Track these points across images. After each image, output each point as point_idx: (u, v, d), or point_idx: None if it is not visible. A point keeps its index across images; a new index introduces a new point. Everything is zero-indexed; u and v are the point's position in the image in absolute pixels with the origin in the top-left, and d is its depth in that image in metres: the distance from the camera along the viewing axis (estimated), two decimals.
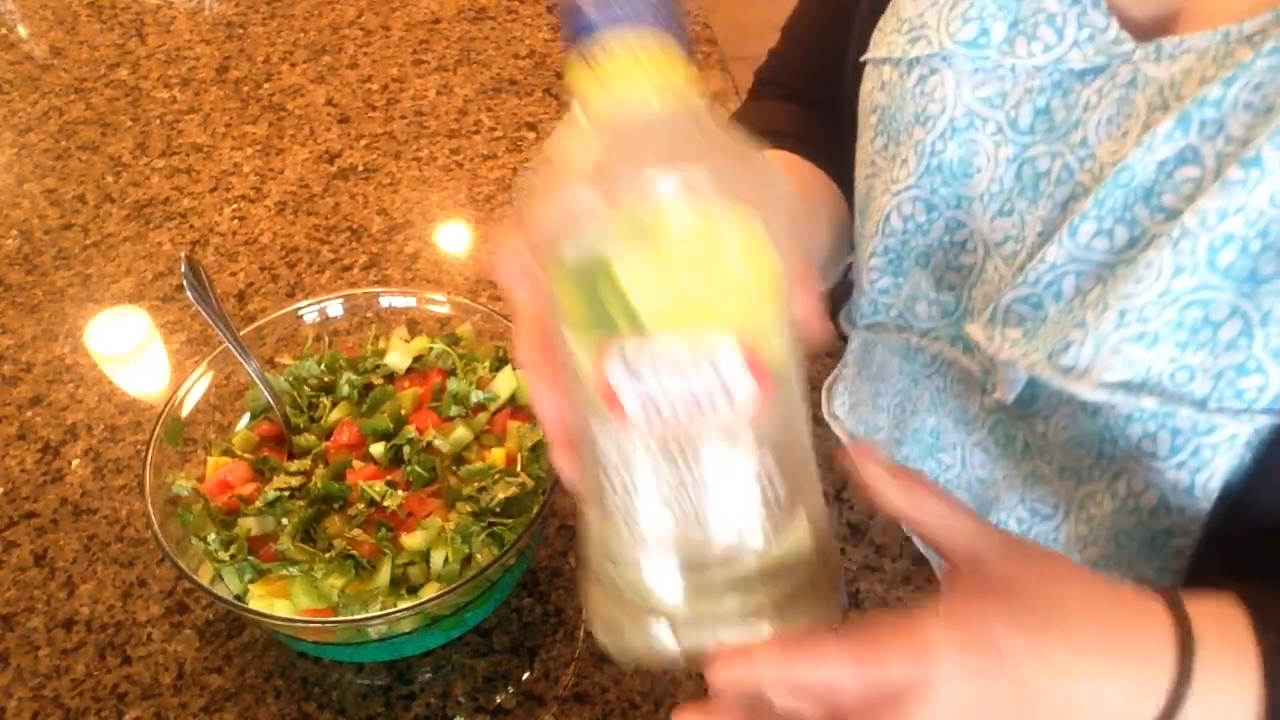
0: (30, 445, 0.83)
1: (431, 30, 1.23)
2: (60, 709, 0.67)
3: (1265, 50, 0.41)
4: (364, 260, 0.97)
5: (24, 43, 1.25)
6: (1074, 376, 0.46)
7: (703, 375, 0.32)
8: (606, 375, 0.33)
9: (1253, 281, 0.42)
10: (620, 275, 0.32)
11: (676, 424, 0.33)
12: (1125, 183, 0.45)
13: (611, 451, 0.34)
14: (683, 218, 0.32)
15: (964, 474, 0.63)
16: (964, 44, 0.50)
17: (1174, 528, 0.48)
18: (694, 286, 0.32)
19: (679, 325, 0.32)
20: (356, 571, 0.65)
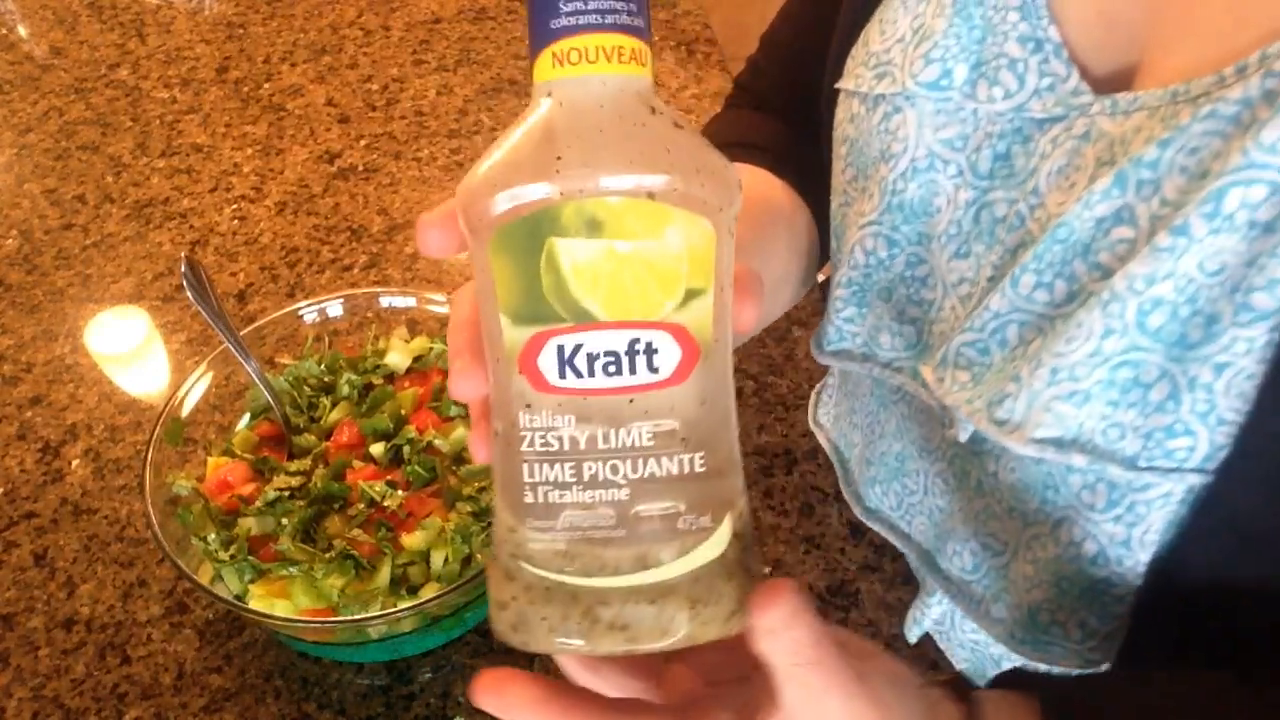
0: (30, 445, 0.83)
1: (431, 30, 1.24)
2: (60, 709, 0.67)
3: (1201, 114, 0.41)
4: (364, 260, 0.97)
5: (24, 43, 1.25)
6: (1007, 430, 0.48)
7: (635, 368, 0.33)
8: (538, 360, 0.33)
9: (1181, 346, 0.42)
10: (563, 264, 0.33)
11: (603, 403, 0.33)
12: (1064, 238, 0.45)
13: (533, 429, 0.34)
14: (632, 218, 0.33)
15: (925, 500, 0.63)
16: (925, 85, 0.50)
17: (1113, 577, 0.49)
18: (634, 280, 0.33)
19: (615, 313, 0.33)
20: (356, 571, 0.65)
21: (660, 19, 1.23)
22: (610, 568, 0.34)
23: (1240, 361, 0.41)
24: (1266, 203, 0.39)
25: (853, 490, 0.71)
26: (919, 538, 0.66)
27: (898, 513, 0.67)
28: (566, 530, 0.34)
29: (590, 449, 0.34)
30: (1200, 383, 0.42)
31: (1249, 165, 0.39)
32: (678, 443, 0.34)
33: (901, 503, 0.66)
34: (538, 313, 0.33)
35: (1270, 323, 0.39)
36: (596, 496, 0.34)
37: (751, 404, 0.83)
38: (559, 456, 0.34)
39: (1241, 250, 0.40)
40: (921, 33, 0.50)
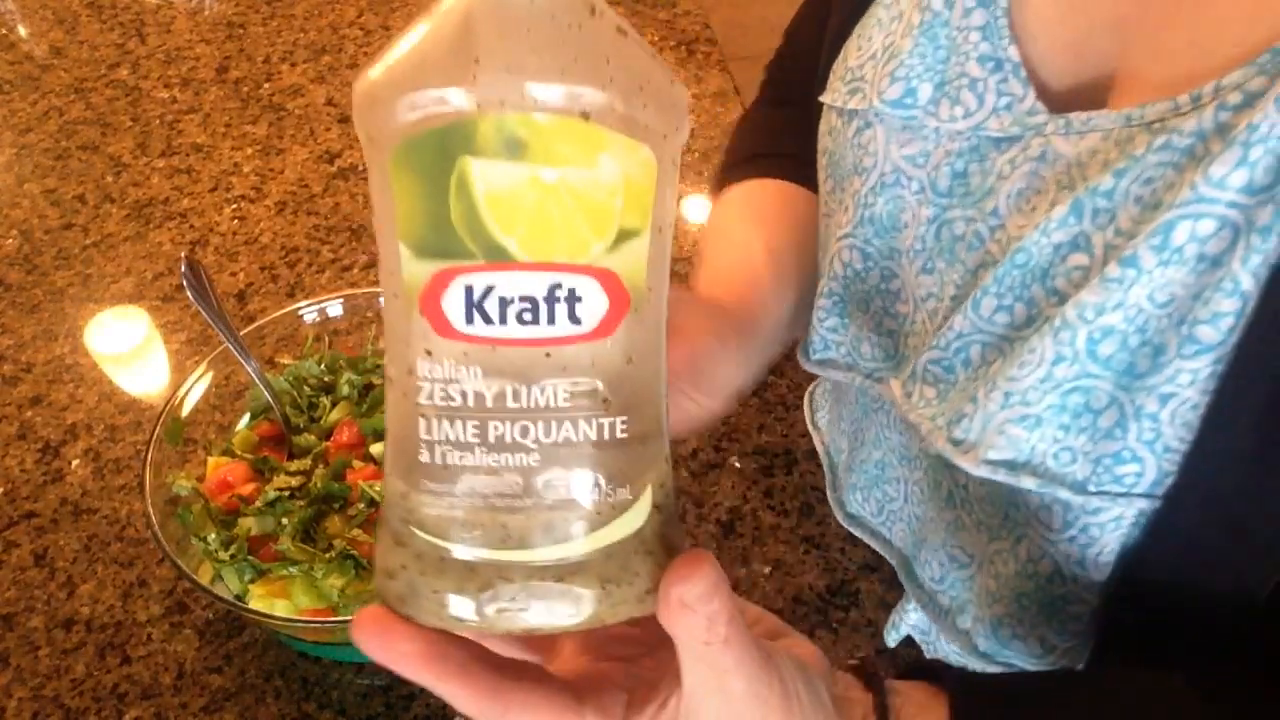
0: (30, 445, 0.83)
1: None
2: (60, 709, 0.67)
3: (1156, 145, 0.41)
4: (364, 260, 0.97)
5: (24, 43, 1.25)
6: (962, 450, 0.48)
7: (554, 317, 0.29)
8: (442, 300, 0.28)
9: (1130, 375, 0.42)
10: (477, 191, 0.28)
11: (515, 355, 0.29)
12: (1022, 263, 0.45)
13: (433, 380, 0.29)
14: (562, 140, 0.27)
15: (905, 508, 0.64)
16: (890, 103, 0.50)
17: (1069, 595, 0.49)
18: (560, 215, 0.28)
19: (535, 253, 0.28)
20: (356, 571, 0.65)
21: (660, 19, 1.23)
22: (514, 540, 0.30)
23: (1184, 392, 0.41)
24: (1215, 237, 0.39)
25: (837, 496, 0.72)
26: (899, 544, 0.66)
27: (878, 519, 0.68)
28: (466, 496, 0.30)
29: (498, 406, 0.29)
30: (1146, 412, 0.42)
31: (1198, 199, 0.39)
32: (598, 404, 0.30)
33: (882, 509, 0.67)
34: (444, 245, 0.28)
35: (1213, 355, 0.40)
36: (502, 460, 0.29)
37: (751, 404, 0.83)
38: (461, 413, 0.29)
39: (1190, 283, 0.40)
40: (890, 51, 0.51)
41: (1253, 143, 0.37)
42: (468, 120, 0.27)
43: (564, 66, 0.27)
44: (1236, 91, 0.39)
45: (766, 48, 0.77)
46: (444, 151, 0.27)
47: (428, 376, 0.29)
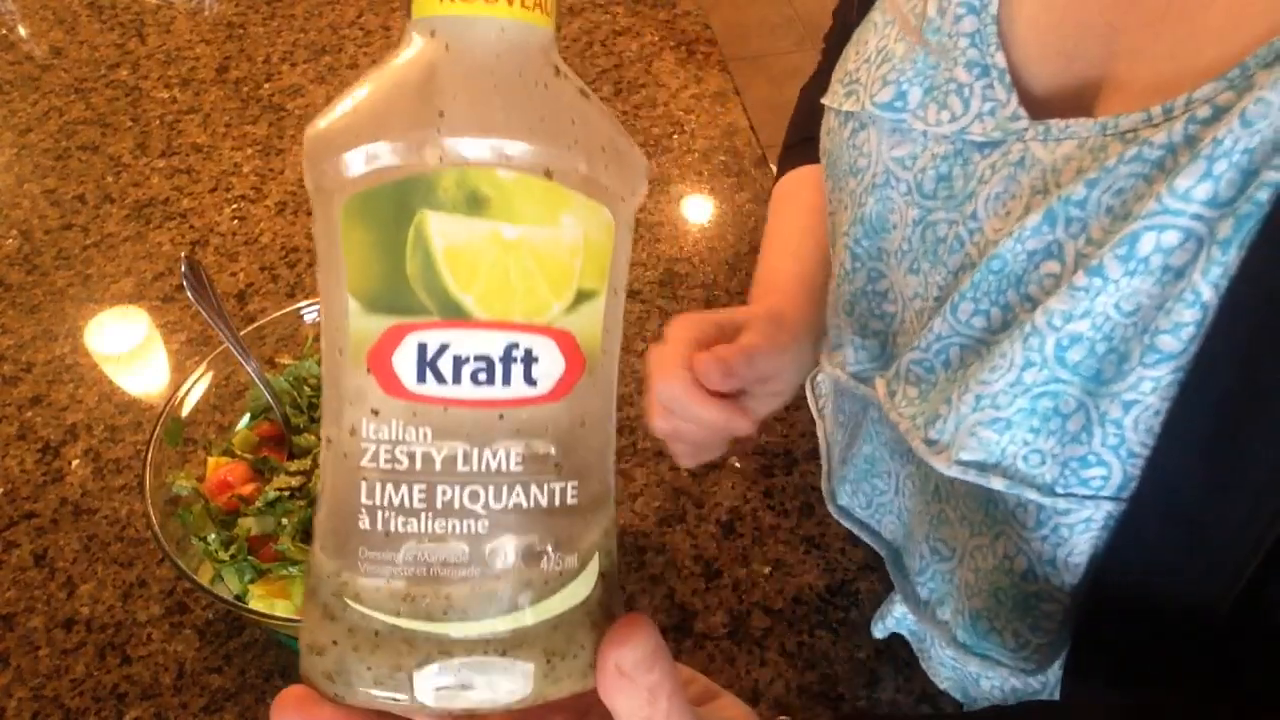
0: (30, 445, 0.83)
1: None
2: (60, 709, 0.67)
3: (1128, 156, 0.41)
4: None
5: (24, 43, 1.25)
6: (935, 451, 0.49)
7: (510, 377, 0.28)
8: (394, 358, 0.27)
9: (1096, 381, 0.43)
10: (435, 245, 0.27)
11: (468, 416, 0.28)
12: (997, 269, 0.46)
13: (378, 441, 0.28)
14: (525, 198, 0.27)
15: (895, 501, 0.65)
16: (880, 105, 0.51)
17: (1042, 593, 0.50)
18: (519, 274, 0.27)
19: (493, 311, 0.27)
20: None
21: (660, 19, 1.23)
22: (457, 612, 0.28)
23: (1147, 399, 0.42)
24: (1179, 248, 0.39)
25: (830, 487, 0.73)
26: (889, 537, 0.68)
27: (866, 511, 0.69)
28: (408, 565, 0.28)
29: (447, 470, 0.28)
30: (1110, 418, 0.43)
31: (1163, 210, 0.39)
32: (550, 469, 0.29)
33: (871, 502, 0.68)
34: (397, 301, 0.27)
35: (1174, 364, 0.40)
36: (449, 527, 0.28)
37: None
38: (407, 476, 0.28)
39: (1154, 293, 0.40)
40: (883, 54, 0.52)
41: (1217, 156, 0.38)
42: (429, 173, 0.26)
43: (531, 125, 0.27)
44: (1206, 105, 0.39)
45: (766, 48, 0.77)
46: (402, 204, 0.27)
47: (372, 438, 0.28)
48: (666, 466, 0.79)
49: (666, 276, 0.94)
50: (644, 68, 1.15)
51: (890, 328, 0.56)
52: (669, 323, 0.60)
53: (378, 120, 0.27)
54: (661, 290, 0.92)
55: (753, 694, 0.67)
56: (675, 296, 0.92)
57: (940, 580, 0.59)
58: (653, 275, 0.94)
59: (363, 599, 0.28)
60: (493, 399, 0.27)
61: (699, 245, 0.97)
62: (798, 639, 0.70)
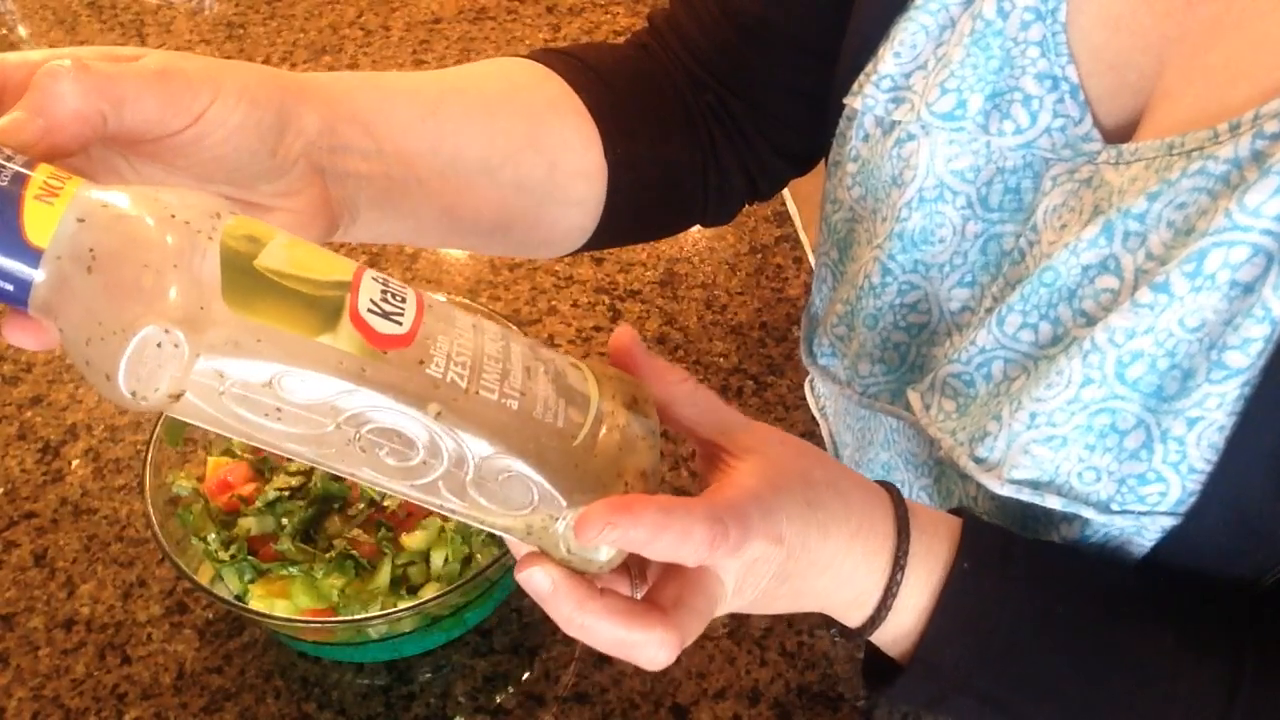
0: (30, 445, 0.83)
1: (431, 30, 1.23)
2: (60, 709, 0.67)
3: (1191, 170, 0.40)
4: (364, 260, 0.97)
5: (24, 43, 1.25)
6: (985, 469, 0.48)
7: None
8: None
9: (1158, 398, 0.42)
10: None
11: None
12: (1049, 282, 0.45)
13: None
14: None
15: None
16: (940, 115, 0.49)
17: None
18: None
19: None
20: (356, 571, 0.65)
21: None
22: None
23: (1212, 415, 0.41)
24: (1248, 263, 0.39)
25: None
26: None
27: None
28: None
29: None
30: (1173, 435, 0.42)
31: (1232, 227, 0.39)
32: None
33: None
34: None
35: (1242, 379, 0.40)
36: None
37: (751, 404, 0.83)
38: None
39: (1221, 309, 0.40)
40: (941, 60, 0.49)
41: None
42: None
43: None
44: (1275, 120, 0.38)
45: None
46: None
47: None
48: (666, 466, 0.79)
49: (666, 276, 0.94)
50: None
51: (916, 338, 0.55)
52: None
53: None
54: (661, 290, 0.92)
55: (753, 694, 0.67)
56: (675, 296, 0.92)
57: None
58: (653, 275, 0.94)
59: None
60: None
61: (699, 245, 0.97)
62: (798, 639, 0.70)
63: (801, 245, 0.98)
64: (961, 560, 0.43)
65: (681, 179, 0.60)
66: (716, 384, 0.84)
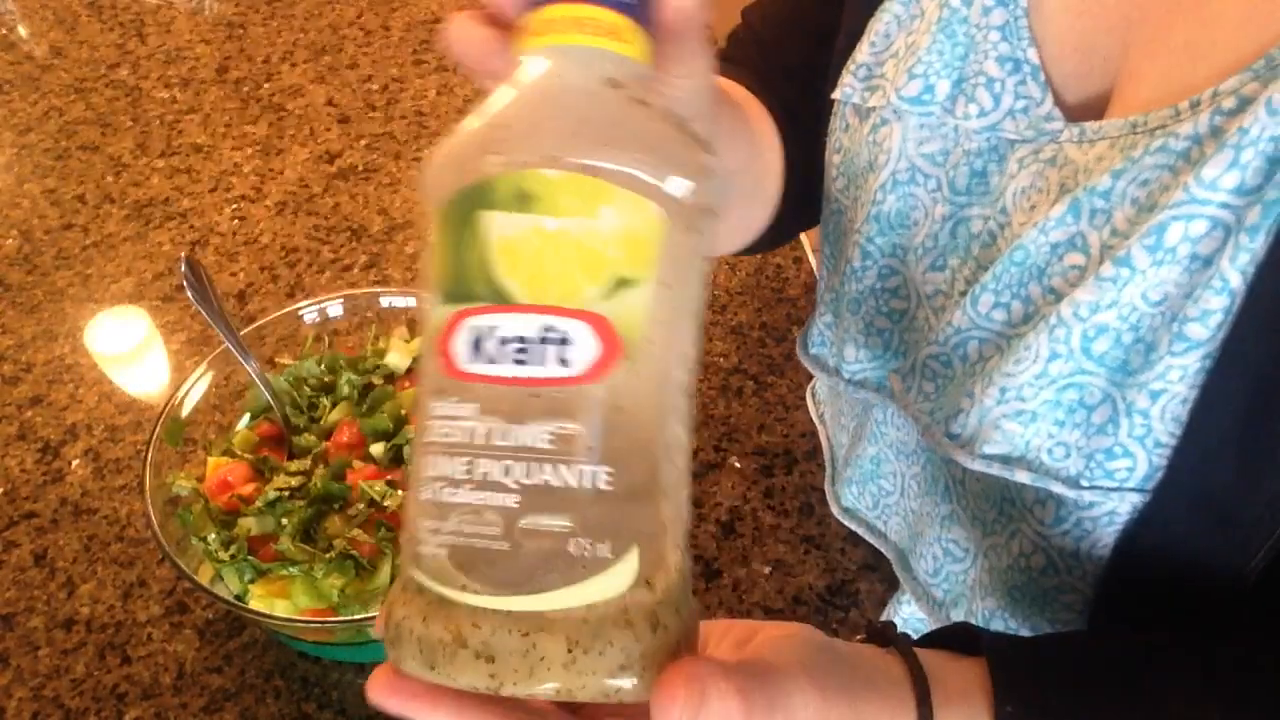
0: (30, 445, 0.83)
1: (431, 30, 1.23)
2: (60, 709, 0.67)
3: (1153, 148, 0.41)
4: (364, 260, 0.97)
5: (24, 43, 1.25)
6: (957, 445, 0.49)
7: (544, 358, 0.29)
8: (453, 341, 0.30)
9: (1123, 372, 0.43)
10: (490, 240, 0.30)
11: (507, 394, 0.30)
12: (1020, 261, 0.46)
13: (439, 418, 0.31)
14: (565, 193, 0.30)
15: (901, 501, 0.64)
16: (908, 100, 0.50)
17: (1062, 585, 0.50)
18: (557, 261, 0.30)
19: (534, 296, 0.30)
20: (356, 571, 0.65)
21: None
22: (487, 584, 0.29)
23: (1174, 388, 0.42)
24: (1206, 237, 0.39)
25: (834, 490, 0.72)
26: (894, 538, 0.67)
27: (873, 513, 0.68)
28: (453, 535, 0.30)
29: (486, 444, 0.30)
30: (1137, 408, 0.43)
31: (1190, 200, 0.39)
32: (581, 451, 0.29)
33: (877, 503, 0.68)
34: (461, 291, 0.30)
35: (1202, 351, 0.40)
36: (485, 499, 0.30)
37: (751, 404, 0.83)
38: (456, 449, 0.30)
39: (1182, 282, 0.41)
40: (910, 48, 0.51)
41: (1244, 145, 0.38)
42: (490, 179, 0.30)
43: (573, 129, 0.30)
44: (1232, 96, 0.39)
45: None
46: (471, 207, 0.30)
47: (436, 414, 0.31)
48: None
49: None
50: None
51: (898, 325, 0.56)
52: None
53: (462, 142, 0.32)
54: None
55: None
56: None
57: (955, 581, 0.59)
58: None
59: (421, 565, 0.31)
60: (529, 378, 0.30)
61: None
62: None
63: (801, 245, 0.98)
64: (1003, 705, 0.39)
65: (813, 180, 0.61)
66: (716, 384, 0.84)
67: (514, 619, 0.29)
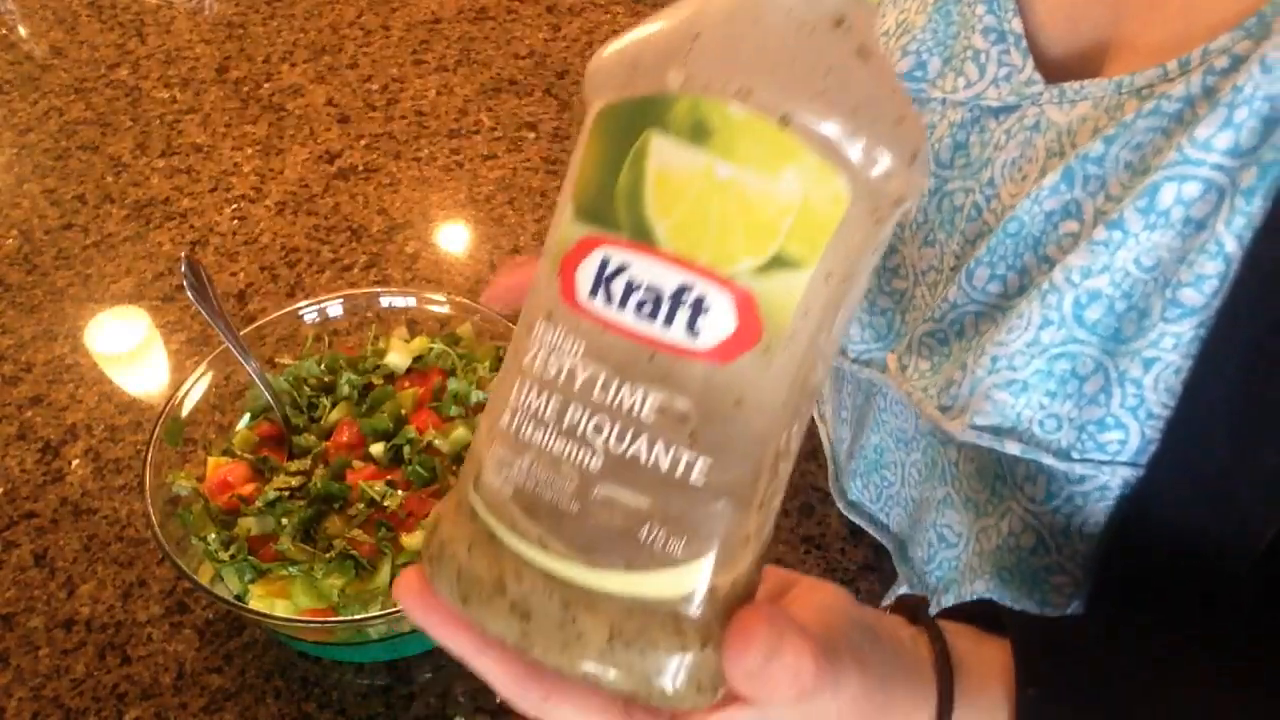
0: (30, 445, 0.83)
1: (431, 30, 1.23)
2: (60, 709, 0.67)
3: (1145, 111, 0.41)
4: (364, 260, 0.97)
5: (24, 43, 1.25)
6: (949, 416, 0.48)
7: (673, 318, 0.26)
8: (578, 266, 0.27)
9: (1115, 340, 0.42)
10: (649, 166, 0.26)
11: (620, 345, 0.27)
12: (1014, 231, 0.45)
13: (542, 344, 0.28)
14: (749, 139, 0.25)
15: (902, 491, 0.64)
16: (900, 76, 0.50)
17: (1053, 566, 0.49)
18: (718, 214, 0.26)
19: (679, 246, 0.26)
20: (356, 571, 0.65)
21: None
22: (542, 539, 0.27)
23: (1168, 356, 0.41)
24: (1200, 199, 0.39)
25: (839, 485, 0.72)
26: (895, 529, 0.67)
27: (876, 504, 0.69)
28: (521, 473, 0.27)
29: (583, 393, 0.27)
30: (1130, 377, 0.42)
31: (1183, 161, 0.39)
32: (684, 434, 0.26)
33: (880, 494, 0.67)
34: (600, 213, 0.27)
35: (1197, 318, 0.40)
36: (566, 451, 0.27)
37: None
38: (549, 385, 0.27)
39: (1175, 246, 0.40)
40: (903, 26, 0.51)
41: (1237, 104, 0.37)
42: (666, 95, 0.26)
43: (777, 65, 0.25)
44: (1223, 56, 0.39)
45: None
46: (635, 121, 0.26)
47: (539, 339, 0.28)
48: None
49: None
50: None
51: (899, 305, 0.56)
52: None
53: (644, 40, 0.27)
54: None
55: None
56: None
57: (947, 566, 0.59)
58: None
59: (481, 490, 0.28)
60: (649, 336, 0.26)
61: None
62: None
63: None
64: (1025, 688, 0.38)
65: None
66: None
67: (559, 585, 0.27)
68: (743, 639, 0.27)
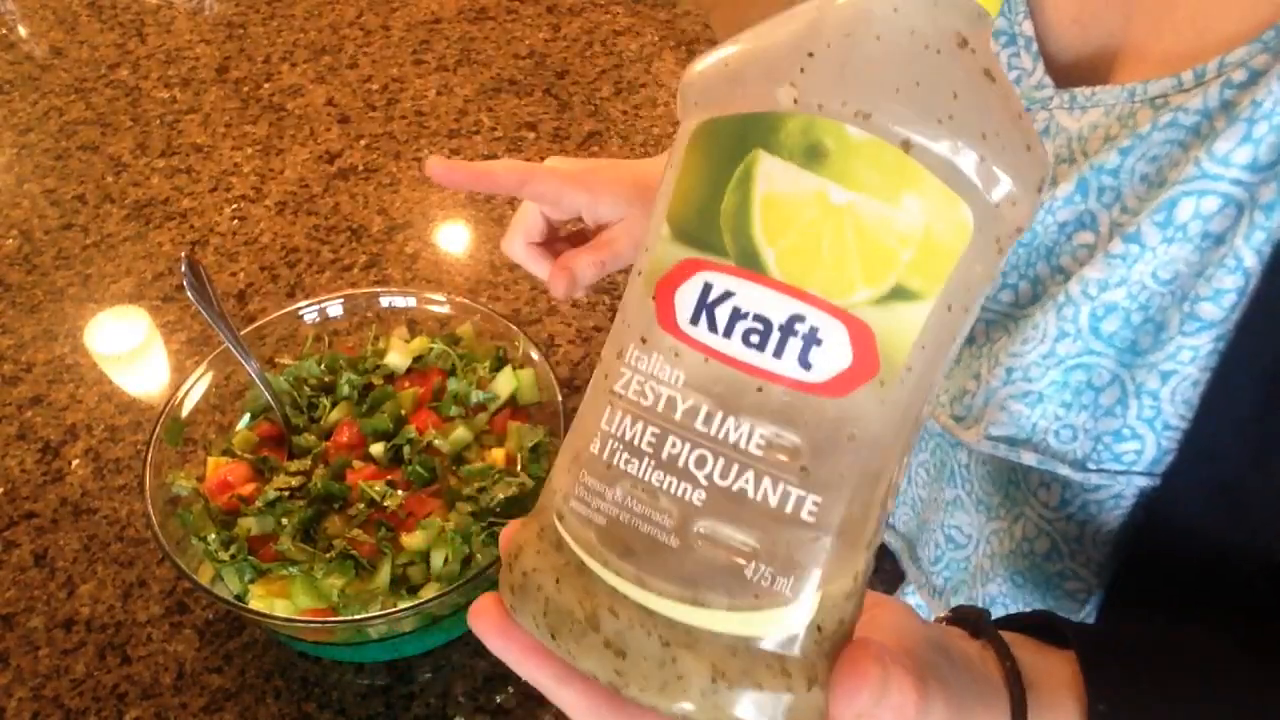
0: (30, 445, 0.83)
1: (431, 30, 1.23)
2: (60, 709, 0.67)
3: (1161, 123, 0.40)
4: (364, 260, 0.97)
5: (24, 43, 1.25)
6: (964, 426, 0.48)
7: (783, 350, 0.25)
8: (678, 291, 0.26)
9: (1132, 352, 0.42)
10: (757, 188, 0.25)
11: (726, 375, 0.25)
12: (1027, 241, 0.45)
13: (636, 371, 0.26)
14: (868, 163, 0.24)
15: (909, 490, 0.64)
16: None
17: (1066, 572, 0.49)
18: (833, 242, 0.24)
19: (790, 274, 0.24)
20: (356, 571, 0.65)
21: (660, 19, 1.23)
22: (638, 575, 0.26)
23: (1185, 369, 0.41)
24: (1219, 214, 0.39)
25: None
26: (902, 529, 0.67)
27: None
28: (615, 505, 0.26)
29: (685, 424, 0.25)
30: (1147, 389, 0.42)
31: (1202, 176, 0.39)
32: (793, 469, 0.25)
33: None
34: (702, 235, 0.25)
35: (1215, 332, 0.40)
36: (665, 483, 0.26)
37: None
38: (646, 415, 0.26)
39: (1193, 260, 0.40)
40: None
41: (1257, 119, 0.37)
42: (777, 113, 0.25)
43: (900, 86, 0.24)
44: (1241, 69, 0.38)
45: None
46: (741, 138, 0.25)
47: (632, 365, 0.26)
48: None
49: None
50: (644, 68, 1.15)
51: None
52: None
53: (752, 52, 0.26)
54: None
55: None
56: None
57: (956, 568, 0.59)
58: None
59: (565, 522, 0.27)
60: (757, 366, 0.25)
61: None
62: None
63: None
64: (1095, 704, 0.37)
65: None
66: None
67: (659, 622, 0.26)
68: (855, 680, 0.27)
